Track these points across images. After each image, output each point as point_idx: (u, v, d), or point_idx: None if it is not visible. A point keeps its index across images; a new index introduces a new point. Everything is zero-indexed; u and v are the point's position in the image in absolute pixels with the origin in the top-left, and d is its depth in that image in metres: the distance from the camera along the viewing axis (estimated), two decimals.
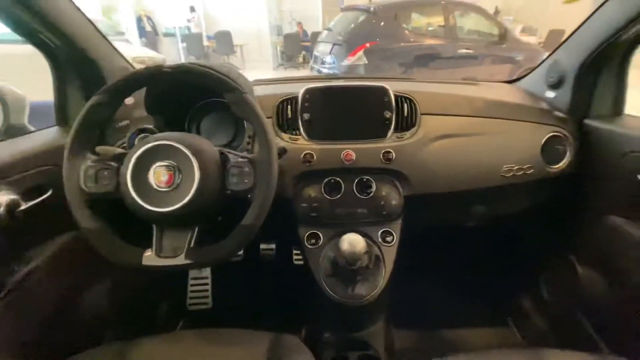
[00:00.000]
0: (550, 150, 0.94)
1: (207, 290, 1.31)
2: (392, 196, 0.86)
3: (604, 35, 0.84)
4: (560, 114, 0.97)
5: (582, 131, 0.96)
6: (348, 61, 3.91)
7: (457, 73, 4.28)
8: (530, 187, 0.95)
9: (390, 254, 0.85)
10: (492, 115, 0.94)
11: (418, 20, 4.63)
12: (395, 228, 0.87)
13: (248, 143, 0.86)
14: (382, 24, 4.13)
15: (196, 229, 0.64)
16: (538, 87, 1.08)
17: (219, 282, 1.34)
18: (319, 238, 0.86)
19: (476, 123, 0.93)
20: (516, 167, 0.91)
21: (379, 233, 0.87)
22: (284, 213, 0.86)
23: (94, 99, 0.63)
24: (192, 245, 0.63)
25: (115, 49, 0.95)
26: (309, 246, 0.86)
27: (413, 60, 4.20)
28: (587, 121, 0.95)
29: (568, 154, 0.95)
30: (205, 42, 9.02)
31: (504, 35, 4.44)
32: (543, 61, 1.08)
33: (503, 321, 1.30)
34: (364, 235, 0.82)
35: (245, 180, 0.64)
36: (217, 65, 0.69)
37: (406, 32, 4.26)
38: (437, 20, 4.49)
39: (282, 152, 0.77)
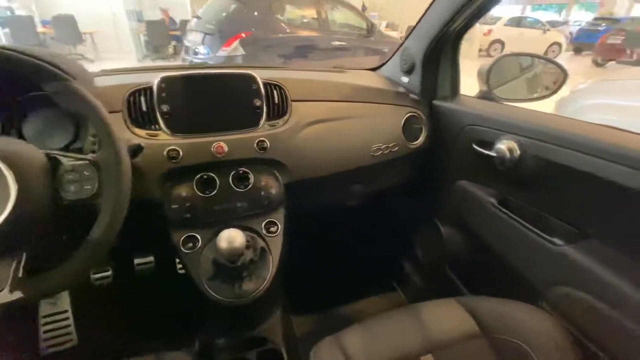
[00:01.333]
0: (409, 129, 1.05)
1: (68, 326, 1.08)
2: (272, 185, 0.84)
3: (438, 27, 0.97)
4: (414, 96, 1.09)
5: (432, 110, 1.10)
6: (224, 52, 3.73)
7: (333, 63, 4.54)
8: (397, 163, 1.05)
9: (276, 243, 0.83)
10: (358, 99, 1.00)
11: (292, 12, 4.73)
12: (279, 217, 0.86)
13: (94, 143, 0.72)
14: (256, 13, 4.07)
15: (24, 255, 0.50)
16: (395, 73, 1.19)
17: (85, 313, 1.12)
18: (197, 240, 0.79)
19: (344, 107, 0.97)
20: (384, 146, 0.99)
21: (263, 224, 0.84)
22: (156, 219, 0.76)
23: None
24: (20, 274, 0.49)
25: None
26: (187, 251, 0.78)
27: (292, 51, 4.28)
28: (435, 102, 1.10)
29: (424, 131, 1.08)
30: (40, 28, 7.37)
31: (371, 29, 4.91)
32: (397, 50, 1.20)
33: (390, 286, 1.44)
34: (246, 229, 0.79)
35: (87, 187, 0.53)
36: (32, 49, 0.54)
37: (282, 23, 4.29)
38: (310, 12, 4.67)
39: (137, 149, 0.66)
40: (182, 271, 0.91)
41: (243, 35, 3.79)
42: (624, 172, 0.64)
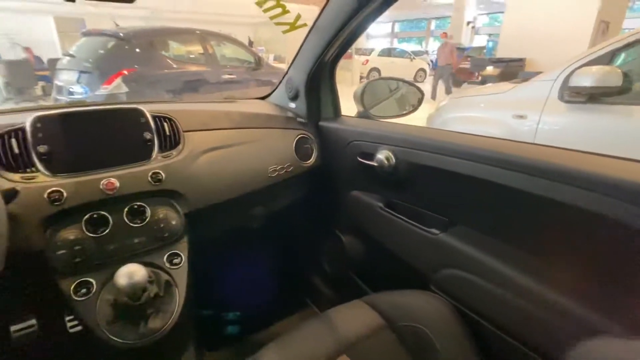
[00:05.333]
0: (301, 149, 1.15)
1: None
2: (171, 216, 0.82)
3: (314, 58, 1.10)
4: (302, 120, 1.19)
5: (319, 131, 1.21)
6: (104, 90, 3.45)
7: (225, 95, 4.56)
8: (294, 181, 1.13)
9: (181, 275, 0.80)
10: (250, 125, 1.06)
11: (178, 48, 4.65)
12: (182, 248, 0.83)
13: None
14: (138, 50, 3.88)
15: None
16: (283, 100, 1.29)
17: None
18: (91, 285, 0.71)
19: (236, 134, 1.02)
20: (279, 167, 1.06)
21: (165, 257, 0.80)
22: (36, 272, 0.68)
23: None
24: None
25: None
26: (80, 298, 0.70)
27: (181, 86, 4.17)
28: (321, 123, 1.22)
29: (314, 150, 1.18)
30: None
31: (259, 62, 5.12)
32: (281, 80, 1.29)
33: (303, 302, 1.46)
34: (147, 264, 0.75)
35: None
36: None
37: (168, 59, 4.18)
38: (197, 48, 4.66)
39: (10, 195, 0.60)
40: (75, 329, 0.80)
41: (125, 72, 3.57)
42: (475, 167, 0.80)
